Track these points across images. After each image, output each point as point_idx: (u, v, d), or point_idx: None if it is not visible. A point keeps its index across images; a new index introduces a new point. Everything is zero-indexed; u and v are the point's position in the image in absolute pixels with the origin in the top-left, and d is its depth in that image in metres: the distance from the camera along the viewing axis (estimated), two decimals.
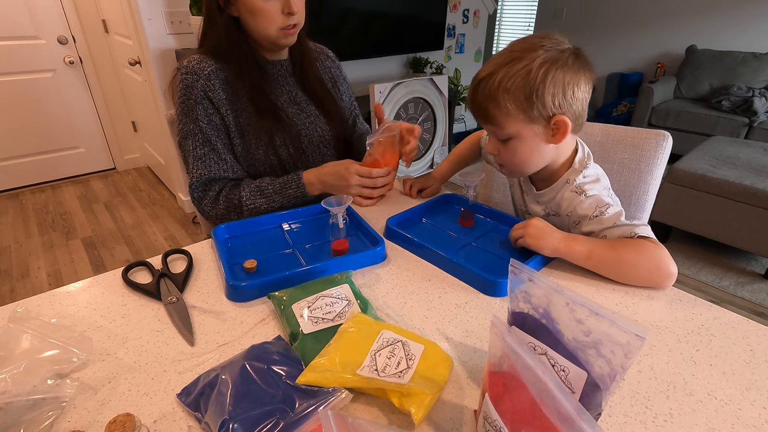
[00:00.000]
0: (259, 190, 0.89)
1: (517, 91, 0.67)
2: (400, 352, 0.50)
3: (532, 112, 0.68)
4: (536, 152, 0.73)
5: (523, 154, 0.73)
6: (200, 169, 0.89)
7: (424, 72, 3.18)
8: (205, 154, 0.89)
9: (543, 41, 0.67)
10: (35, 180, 2.95)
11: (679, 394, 0.48)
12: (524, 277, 0.40)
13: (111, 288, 0.67)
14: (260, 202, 0.89)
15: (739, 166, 2.13)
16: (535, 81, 0.66)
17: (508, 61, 0.67)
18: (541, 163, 0.76)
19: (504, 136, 0.72)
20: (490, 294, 0.65)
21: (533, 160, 0.75)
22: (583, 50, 0.69)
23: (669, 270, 0.65)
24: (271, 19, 0.85)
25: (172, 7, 2.09)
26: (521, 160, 0.75)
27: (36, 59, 2.69)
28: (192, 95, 0.87)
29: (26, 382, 0.46)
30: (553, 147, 0.73)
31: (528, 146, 0.72)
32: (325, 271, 0.68)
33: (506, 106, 0.68)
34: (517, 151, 0.73)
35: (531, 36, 0.70)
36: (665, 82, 3.55)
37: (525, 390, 0.32)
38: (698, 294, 1.32)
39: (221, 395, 0.44)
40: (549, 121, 0.69)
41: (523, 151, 0.73)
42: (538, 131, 0.70)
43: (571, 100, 0.68)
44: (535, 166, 0.77)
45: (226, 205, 0.90)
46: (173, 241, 2.31)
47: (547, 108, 0.67)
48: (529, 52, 0.66)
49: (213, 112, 0.89)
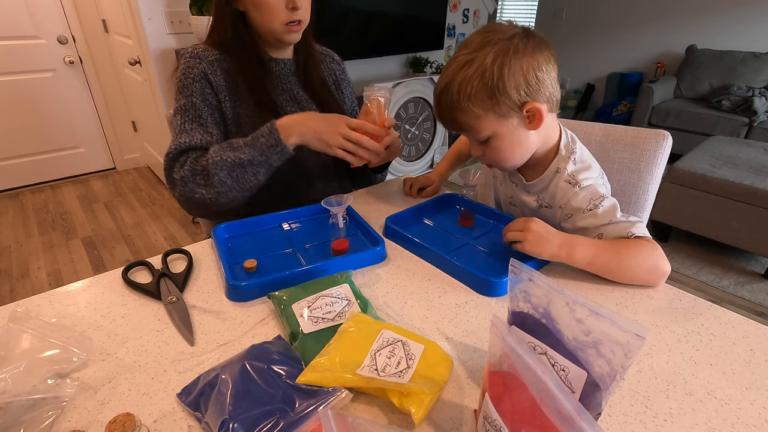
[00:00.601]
0: (228, 144, 0.81)
1: (478, 94, 0.66)
2: (400, 351, 0.50)
3: (501, 108, 0.67)
4: (519, 144, 0.72)
5: (506, 150, 0.73)
6: (183, 138, 0.84)
7: (424, 72, 3.17)
8: (192, 128, 0.86)
9: (489, 35, 0.66)
10: (35, 180, 2.95)
11: (679, 394, 0.48)
12: (524, 276, 0.40)
13: (111, 288, 0.67)
14: (228, 155, 0.79)
15: (739, 165, 2.13)
16: (492, 78, 0.64)
17: (461, 66, 0.66)
18: (528, 152, 0.75)
19: (482, 138, 0.72)
20: (488, 294, 0.65)
21: (519, 152, 0.74)
22: (533, 29, 0.68)
23: (664, 269, 0.66)
24: (275, 14, 0.85)
25: (172, 7, 2.09)
26: (507, 156, 0.74)
27: (36, 59, 2.69)
28: (191, 74, 0.87)
29: (26, 381, 0.46)
30: (535, 133, 0.72)
31: (509, 141, 0.71)
32: (325, 271, 0.68)
33: (473, 111, 0.67)
34: (500, 148, 0.72)
35: (478, 32, 0.68)
36: (665, 81, 3.55)
37: (525, 390, 0.32)
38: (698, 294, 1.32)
39: (221, 395, 0.44)
40: (521, 110, 0.68)
41: (506, 146, 0.72)
42: (515, 123, 0.69)
43: (536, 85, 0.66)
44: (522, 158, 0.76)
45: (191, 167, 0.81)
46: (173, 240, 2.31)
47: (513, 100, 0.66)
48: (479, 50, 0.65)
49: (210, 92, 0.88)
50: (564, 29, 4.47)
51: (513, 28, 0.67)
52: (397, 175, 2.99)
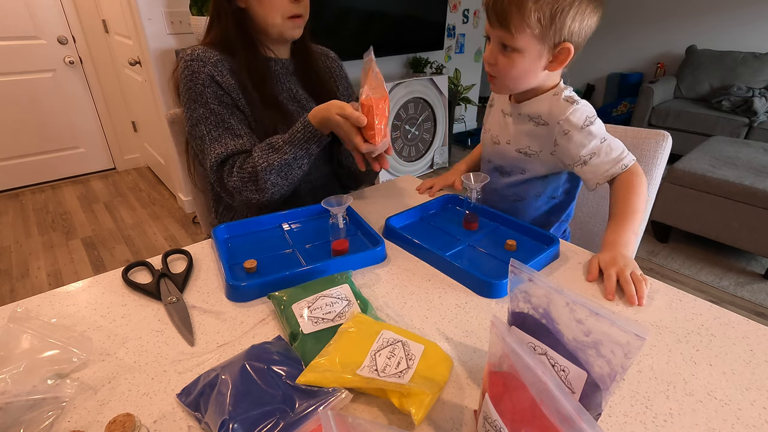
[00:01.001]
0: (269, 146, 0.84)
1: (545, 6, 0.68)
2: (400, 352, 0.50)
3: (548, 31, 0.70)
4: (532, 73, 0.76)
5: (520, 71, 0.75)
6: (217, 149, 0.86)
7: (424, 72, 3.17)
8: (220, 135, 0.87)
9: None
10: (35, 180, 2.95)
11: (679, 394, 0.48)
12: (524, 277, 0.40)
13: (111, 288, 0.67)
14: (273, 158, 0.83)
15: (739, 166, 2.13)
16: (563, 6, 0.68)
17: None
18: (532, 84, 0.79)
19: (512, 45, 0.73)
20: (487, 296, 0.65)
21: (527, 79, 0.78)
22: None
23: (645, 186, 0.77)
24: (278, 6, 0.86)
25: (172, 7, 2.09)
26: (517, 76, 0.77)
27: (36, 59, 2.69)
28: (199, 80, 0.86)
29: (26, 382, 0.46)
30: (546, 73, 0.77)
31: (527, 64, 0.74)
32: (325, 271, 0.68)
33: (529, 17, 0.69)
34: (516, 65, 0.74)
35: None
36: (665, 82, 3.55)
37: (525, 390, 0.32)
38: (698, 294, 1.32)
39: (221, 395, 0.44)
40: (555, 47, 0.72)
41: (522, 67, 0.75)
42: (542, 53, 0.73)
43: (581, 31, 0.72)
44: (525, 86, 0.80)
45: (240, 176, 0.85)
46: (173, 241, 2.31)
47: (562, 33, 0.70)
48: None
49: (222, 93, 0.88)
50: None
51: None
52: (397, 174, 2.99)
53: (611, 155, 0.77)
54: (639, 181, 0.76)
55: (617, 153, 0.77)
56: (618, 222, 0.74)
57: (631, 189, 0.76)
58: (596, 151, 0.77)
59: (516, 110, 0.87)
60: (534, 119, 0.83)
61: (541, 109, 0.82)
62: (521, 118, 0.86)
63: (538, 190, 0.91)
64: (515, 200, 0.94)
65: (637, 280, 0.64)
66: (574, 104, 0.78)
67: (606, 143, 0.78)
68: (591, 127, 0.77)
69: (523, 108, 0.85)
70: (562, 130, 0.79)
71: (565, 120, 0.78)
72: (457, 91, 3.46)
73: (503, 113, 0.91)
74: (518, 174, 0.90)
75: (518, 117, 0.86)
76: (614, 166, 0.77)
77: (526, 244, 0.79)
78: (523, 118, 0.85)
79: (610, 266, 0.67)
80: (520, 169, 0.90)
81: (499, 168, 0.94)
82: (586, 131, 0.77)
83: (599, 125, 0.79)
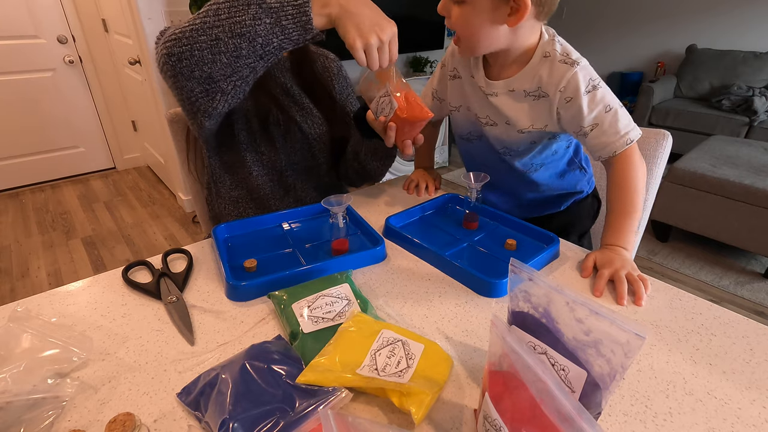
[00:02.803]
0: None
1: None
2: (400, 351, 0.50)
3: None
4: (487, 29, 0.69)
5: (474, 27, 0.69)
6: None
7: (424, 71, 3.17)
8: None
9: None
10: (35, 179, 2.95)
11: (679, 394, 0.48)
12: (524, 276, 0.40)
13: (111, 287, 0.67)
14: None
15: (739, 165, 2.13)
16: None
17: None
18: (493, 44, 0.72)
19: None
20: (487, 295, 0.65)
21: (483, 36, 0.70)
22: None
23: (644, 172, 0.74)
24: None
25: (172, 7, 2.09)
26: (472, 33, 0.70)
27: (36, 59, 2.69)
28: None
29: (26, 381, 0.46)
30: (508, 30, 0.69)
31: (480, 19, 0.68)
32: (325, 271, 0.68)
33: None
34: (467, 17, 0.68)
35: None
36: (665, 81, 3.55)
37: (525, 389, 0.33)
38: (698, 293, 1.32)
39: (221, 394, 0.44)
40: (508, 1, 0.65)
41: (475, 23, 0.68)
42: (496, 5, 0.66)
43: None
44: (486, 46, 0.72)
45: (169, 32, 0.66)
46: (173, 240, 2.31)
47: None
48: None
49: None
50: (564, 29, 4.47)
51: None
52: (397, 174, 2.99)
53: (616, 126, 0.71)
54: (638, 172, 0.72)
55: (623, 125, 0.71)
56: (617, 220, 0.73)
57: (629, 183, 0.73)
58: (599, 121, 0.71)
59: (505, 87, 0.79)
60: (531, 93, 0.76)
61: (536, 79, 0.74)
62: (515, 95, 0.78)
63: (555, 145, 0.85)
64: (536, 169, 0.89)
65: (633, 280, 0.64)
66: (574, 65, 0.71)
67: (612, 112, 0.71)
68: (595, 91, 0.71)
69: (513, 84, 0.77)
70: (564, 98, 0.72)
71: (567, 86, 0.71)
72: None
73: (486, 94, 0.82)
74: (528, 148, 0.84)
75: (510, 95, 0.79)
76: (618, 140, 0.71)
77: (526, 244, 0.79)
78: (517, 95, 0.78)
79: (605, 266, 0.66)
80: (528, 142, 0.83)
81: (504, 150, 0.88)
82: (590, 96, 0.70)
83: (604, 89, 0.71)
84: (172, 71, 0.67)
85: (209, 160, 0.96)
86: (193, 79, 0.67)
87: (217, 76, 0.67)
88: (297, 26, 0.63)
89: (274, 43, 0.64)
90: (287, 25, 0.62)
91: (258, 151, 0.93)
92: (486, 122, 0.86)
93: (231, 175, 0.96)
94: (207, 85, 0.68)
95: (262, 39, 0.63)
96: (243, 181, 0.96)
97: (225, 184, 0.97)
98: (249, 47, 0.64)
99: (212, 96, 0.71)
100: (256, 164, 0.94)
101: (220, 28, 0.62)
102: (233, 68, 0.66)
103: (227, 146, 0.93)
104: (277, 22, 0.62)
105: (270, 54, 0.66)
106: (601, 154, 0.75)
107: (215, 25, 0.62)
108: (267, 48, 0.64)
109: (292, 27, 0.63)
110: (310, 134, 0.97)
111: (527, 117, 0.79)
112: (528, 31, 0.72)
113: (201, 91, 0.69)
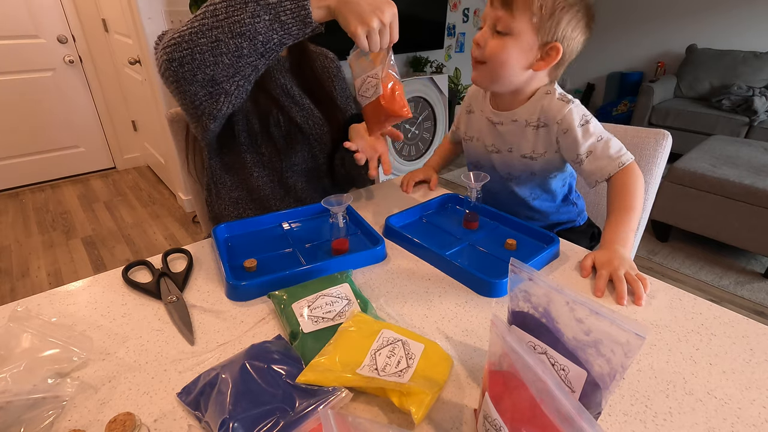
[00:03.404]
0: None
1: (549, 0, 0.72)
2: (400, 351, 0.50)
3: (545, 24, 0.73)
4: (517, 65, 0.77)
5: (509, 56, 0.76)
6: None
7: (424, 71, 3.17)
8: None
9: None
10: (35, 179, 2.95)
11: (679, 393, 0.48)
12: (524, 276, 0.40)
13: (111, 287, 0.67)
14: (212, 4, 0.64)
15: (739, 165, 2.13)
16: (565, 3, 0.72)
17: None
18: (513, 82, 0.80)
19: (508, 27, 0.74)
20: (487, 295, 0.65)
21: (512, 69, 0.78)
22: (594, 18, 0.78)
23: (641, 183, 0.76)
24: None
25: (172, 7, 2.09)
26: (505, 61, 0.76)
27: (36, 58, 2.69)
28: None
29: (26, 381, 0.46)
30: (530, 74, 0.79)
31: (516, 52, 0.76)
32: (325, 271, 0.68)
33: (533, 2, 0.72)
34: (506, 48, 0.75)
35: None
36: (665, 81, 3.55)
37: (525, 389, 0.33)
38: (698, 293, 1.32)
39: (221, 394, 0.44)
40: (545, 46, 0.75)
41: (511, 53, 0.76)
42: (533, 47, 0.76)
43: (571, 41, 0.76)
44: (508, 79, 0.80)
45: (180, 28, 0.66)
46: (173, 240, 2.31)
47: (557, 31, 0.74)
48: None
49: None
50: None
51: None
52: (397, 174, 2.99)
53: (608, 152, 0.78)
54: (636, 180, 0.77)
55: (615, 150, 0.78)
56: (616, 220, 0.74)
57: (628, 187, 0.76)
58: (593, 149, 0.79)
59: (509, 117, 0.87)
60: (532, 123, 0.85)
61: (537, 111, 0.83)
62: (518, 125, 0.87)
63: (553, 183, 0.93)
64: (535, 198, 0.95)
65: (633, 280, 0.64)
66: (570, 103, 0.80)
67: (603, 141, 0.79)
68: (588, 125, 0.79)
69: (517, 115, 0.86)
70: (561, 129, 0.81)
71: (563, 119, 0.80)
72: (457, 91, 3.46)
73: (491, 122, 0.91)
74: (528, 178, 0.92)
75: (514, 124, 0.87)
76: (611, 164, 0.78)
77: (526, 243, 0.79)
78: (519, 124, 0.86)
79: (604, 266, 0.67)
80: (528, 173, 0.91)
81: (507, 176, 0.95)
82: (584, 129, 0.79)
83: (595, 123, 0.81)
84: (174, 76, 0.67)
85: (209, 161, 0.96)
86: (196, 83, 0.67)
87: (220, 77, 0.67)
88: (296, 21, 0.62)
89: (275, 39, 0.63)
90: (286, 20, 0.62)
91: (259, 152, 0.93)
92: (492, 150, 0.93)
93: (231, 176, 0.96)
94: (210, 88, 0.68)
95: (263, 36, 0.63)
96: (243, 182, 0.96)
97: (225, 185, 0.97)
98: (250, 46, 0.63)
99: (216, 98, 0.71)
100: (256, 165, 0.94)
101: (220, 29, 0.62)
102: (236, 68, 0.66)
103: (228, 147, 0.93)
104: (275, 18, 0.61)
105: (271, 51, 0.66)
106: (597, 179, 0.80)
107: (214, 26, 0.62)
108: (268, 45, 0.64)
109: (291, 22, 0.62)
110: (310, 135, 0.97)
111: (529, 144, 0.87)
112: (540, 80, 0.83)
113: (205, 94, 0.69)
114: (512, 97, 0.86)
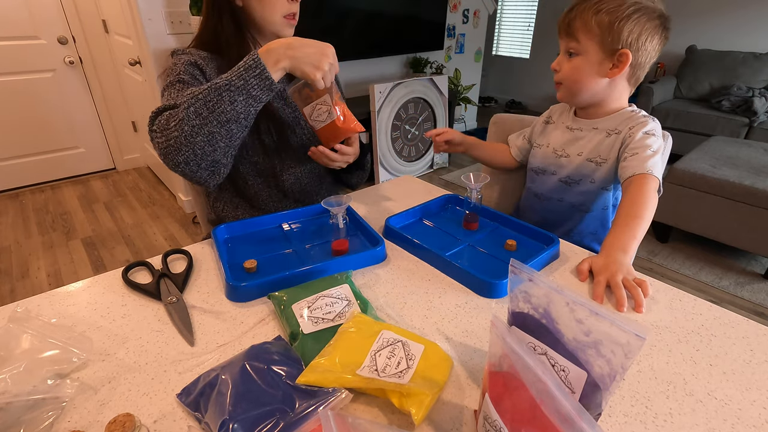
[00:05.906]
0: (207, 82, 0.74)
1: (603, 15, 0.78)
2: (400, 352, 0.50)
3: (607, 37, 0.79)
4: (592, 78, 0.84)
5: (582, 73, 0.83)
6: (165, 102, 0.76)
7: (424, 72, 3.17)
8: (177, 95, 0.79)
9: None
10: (35, 180, 2.95)
11: (679, 394, 0.48)
12: (524, 277, 0.40)
13: (111, 288, 0.67)
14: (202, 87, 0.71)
15: (739, 166, 2.13)
16: (621, 14, 0.77)
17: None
18: (593, 92, 0.86)
19: (575, 49, 0.83)
20: (487, 296, 0.65)
21: (588, 83, 0.84)
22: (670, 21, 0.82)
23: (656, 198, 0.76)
24: (277, 5, 0.87)
25: (172, 7, 2.09)
26: (578, 79, 0.84)
27: (36, 59, 2.69)
28: (180, 61, 0.85)
29: (26, 382, 0.46)
30: (607, 83, 0.84)
31: (588, 67, 0.83)
32: (325, 271, 0.68)
33: (589, 23, 0.80)
34: (578, 67, 0.83)
35: None
36: (665, 82, 3.55)
37: (525, 390, 0.32)
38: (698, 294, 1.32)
39: (221, 395, 0.44)
40: (614, 55, 0.80)
41: (584, 70, 0.83)
42: (602, 59, 0.81)
43: (640, 46, 0.79)
44: (587, 93, 0.86)
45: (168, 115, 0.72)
46: (173, 241, 2.31)
47: (620, 39, 0.78)
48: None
49: (199, 74, 0.86)
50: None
51: (659, 5, 0.81)
52: (397, 174, 2.99)
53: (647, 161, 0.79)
54: (652, 193, 0.76)
55: (653, 162, 0.79)
56: (621, 226, 0.73)
57: (642, 195, 0.75)
58: (639, 152, 0.81)
59: (591, 125, 0.91)
60: (609, 131, 0.88)
61: (618, 122, 0.87)
62: (598, 132, 0.90)
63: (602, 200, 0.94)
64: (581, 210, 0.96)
65: (631, 286, 0.63)
66: (649, 118, 0.85)
67: (651, 153, 0.80)
68: (652, 137, 0.82)
69: (599, 123, 0.90)
70: (630, 133, 0.85)
71: (636, 125, 0.84)
72: (457, 91, 3.46)
73: (569, 128, 0.95)
74: (587, 183, 0.93)
75: (594, 131, 0.91)
76: (641, 166, 0.78)
77: (526, 244, 0.79)
78: (600, 132, 0.90)
79: (601, 271, 0.66)
80: (589, 178, 0.92)
81: (567, 180, 0.96)
82: (645, 136, 0.82)
83: (658, 141, 0.83)
84: (182, 172, 0.75)
85: None
86: (201, 170, 0.75)
87: (219, 157, 0.75)
88: (264, 90, 0.72)
89: (251, 111, 0.74)
90: (257, 94, 0.72)
91: (251, 161, 0.94)
92: (561, 154, 0.96)
93: (228, 183, 0.97)
94: (212, 168, 0.76)
95: (243, 114, 0.72)
96: (240, 191, 0.98)
97: (223, 191, 0.99)
98: (237, 126, 0.73)
99: (217, 172, 0.78)
100: (251, 174, 0.95)
101: (210, 124, 0.71)
102: (229, 145, 0.75)
103: None
104: (248, 95, 0.71)
105: (251, 118, 0.75)
106: (624, 174, 0.81)
107: (204, 123, 0.70)
108: (248, 117, 0.74)
109: (260, 93, 0.72)
110: (303, 135, 0.97)
111: (598, 148, 0.90)
112: (619, 92, 0.87)
113: (208, 174, 0.77)
114: (595, 109, 0.90)
